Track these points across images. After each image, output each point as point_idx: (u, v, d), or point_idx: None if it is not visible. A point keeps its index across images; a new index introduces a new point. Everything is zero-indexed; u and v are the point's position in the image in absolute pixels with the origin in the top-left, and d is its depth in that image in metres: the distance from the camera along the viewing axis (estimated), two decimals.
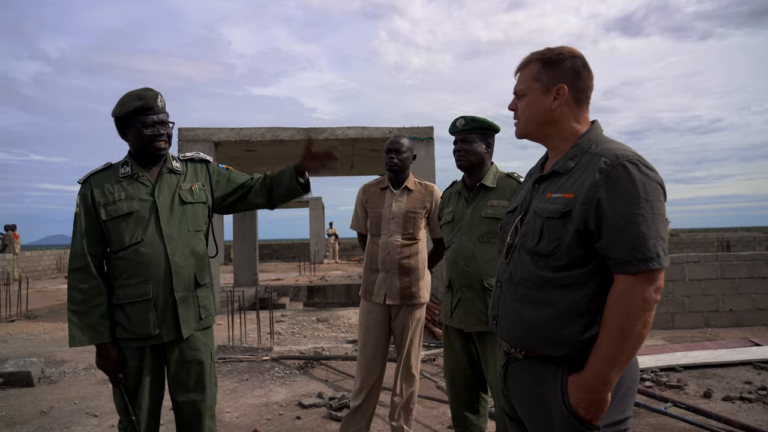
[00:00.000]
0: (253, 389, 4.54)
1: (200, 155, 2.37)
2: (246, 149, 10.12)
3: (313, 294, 11.94)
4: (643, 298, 1.24)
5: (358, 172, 14.47)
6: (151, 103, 2.12)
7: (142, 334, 2.09)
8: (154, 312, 2.09)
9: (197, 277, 2.20)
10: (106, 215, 2.10)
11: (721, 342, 5.65)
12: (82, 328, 2.05)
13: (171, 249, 2.12)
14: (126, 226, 2.10)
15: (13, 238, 16.12)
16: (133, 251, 2.09)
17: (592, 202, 1.29)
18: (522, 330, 1.41)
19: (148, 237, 2.10)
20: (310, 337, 6.79)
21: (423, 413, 3.82)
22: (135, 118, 2.13)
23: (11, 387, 4.67)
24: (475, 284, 2.45)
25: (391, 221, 3.04)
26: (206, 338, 2.24)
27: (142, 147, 2.16)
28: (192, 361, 2.18)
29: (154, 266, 2.09)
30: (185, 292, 2.15)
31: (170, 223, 2.15)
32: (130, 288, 2.09)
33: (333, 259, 23.79)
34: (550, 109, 1.44)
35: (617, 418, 1.32)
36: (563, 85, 1.42)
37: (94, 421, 3.83)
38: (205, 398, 2.21)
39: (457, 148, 2.56)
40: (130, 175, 2.17)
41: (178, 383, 2.18)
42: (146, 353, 2.12)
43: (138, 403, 2.12)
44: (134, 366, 2.11)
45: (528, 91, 1.47)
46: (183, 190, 2.22)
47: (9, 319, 8.51)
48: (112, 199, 2.11)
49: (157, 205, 2.14)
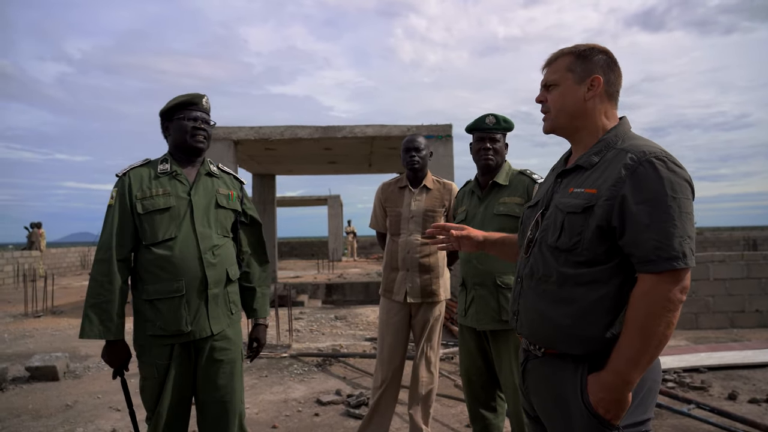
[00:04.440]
0: (272, 386, 4.58)
1: (236, 174, 2.46)
2: (265, 147, 10.20)
3: (331, 292, 11.99)
4: (667, 298, 1.21)
5: (376, 170, 14.48)
6: (196, 100, 2.22)
7: (174, 330, 2.09)
8: (186, 308, 2.10)
9: (228, 273, 2.23)
10: (143, 209, 2.13)
11: (747, 343, 5.53)
12: (93, 321, 2.06)
13: (204, 247, 2.14)
14: (161, 221, 2.12)
15: (38, 235, 16.48)
16: (166, 247, 2.11)
17: (617, 198, 1.27)
18: (542, 327, 1.39)
19: (182, 234, 2.13)
20: (329, 334, 6.82)
21: (441, 412, 3.81)
22: (179, 112, 2.20)
23: (37, 381, 4.78)
24: (488, 282, 2.44)
25: (411, 220, 3.04)
26: (236, 336, 2.27)
27: (182, 140, 2.20)
28: (222, 360, 2.18)
29: (187, 263, 2.11)
30: (217, 289, 2.17)
31: (203, 223, 2.18)
32: (162, 284, 2.10)
33: (351, 256, 23.86)
34: (583, 99, 1.41)
35: (638, 419, 1.29)
36: (598, 75, 1.40)
37: (117, 416, 3.90)
38: (234, 399, 2.20)
39: (486, 146, 2.52)
40: (169, 172, 2.20)
41: (206, 381, 2.17)
42: (175, 350, 2.12)
43: (157, 400, 2.12)
44: (162, 363, 2.12)
45: (561, 82, 1.44)
46: (220, 194, 2.27)
47: (35, 315, 8.71)
48: (150, 194, 2.14)
49: (192, 204, 2.17)
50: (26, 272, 13.13)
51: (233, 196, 2.31)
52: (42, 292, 9.56)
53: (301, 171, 14.98)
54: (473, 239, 1.75)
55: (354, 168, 14.27)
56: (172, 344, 2.11)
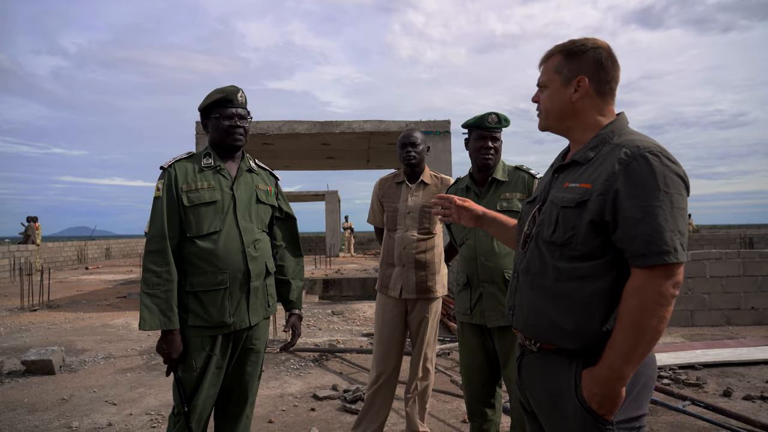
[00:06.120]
0: (268, 380, 4.58)
1: (271, 170, 2.50)
2: (263, 142, 10.18)
3: (328, 287, 11.99)
4: (659, 292, 1.21)
5: (374, 165, 14.47)
6: (231, 96, 2.22)
7: (218, 321, 2.12)
8: (229, 300, 2.14)
9: (267, 266, 2.28)
10: (188, 202, 2.15)
11: (743, 340, 5.55)
12: (153, 311, 2.05)
13: (246, 240, 2.19)
14: (206, 213, 2.15)
15: (34, 229, 16.44)
16: (210, 240, 2.14)
17: (610, 193, 1.27)
18: (537, 321, 1.39)
19: (226, 227, 2.16)
20: (326, 329, 6.82)
21: (437, 407, 3.82)
22: (215, 110, 2.22)
23: (33, 375, 4.78)
24: (497, 278, 2.44)
25: (407, 216, 3.03)
26: (266, 328, 2.35)
27: (220, 139, 2.24)
28: (252, 349, 2.26)
29: (231, 256, 2.14)
30: (258, 282, 2.22)
31: (245, 217, 2.22)
32: (206, 276, 2.12)
33: (348, 252, 23.86)
34: (570, 101, 1.42)
35: (632, 415, 1.29)
36: (584, 76, 1.40)
37: (113, 410, 3.90)
38: (253, 387, 2.31)
39: (487, 145, 2.53)
40: (213, 167, 2.23)
41: (235, 369, 2.25)
42: (218, 341, 2.15)
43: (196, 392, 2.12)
44: (205, 354, 2.13)
45: (549, 83, 1.45)
46: (260, 189, 2.32)
47: (31, 309, 8.70)
48: (195, 187, 2.17)
49: (235, 199, 2.21)
50: (22, 266, 13.10)
51: (271, 192, 2.37)
52: (38, 286, 9.54)
53: (299, 166, 14.96)
54: (472, 212, 1.81)
55: (352, 163, 14.26)
56: (213, 336, 2.14)
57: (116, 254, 24.37)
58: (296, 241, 2.52)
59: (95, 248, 22.35)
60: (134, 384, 4.53)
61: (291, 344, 2.45)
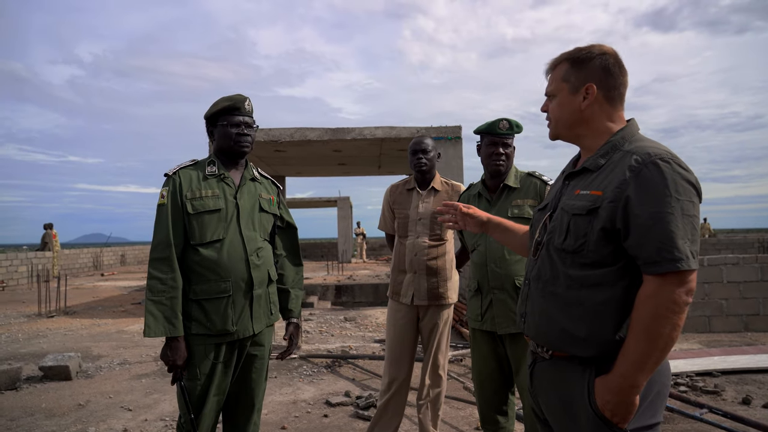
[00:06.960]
0: (281, 387, 4.59)
1: (273, 179, 2.52)
2: (275, 149, 10.25)
3: (341, 293, 12.00)
4: (672, 299, 1.20)
5: (386, 171, 14.50)
6: (239, 104, 2.24)
7: (221, 330, 2.12)
8: (232, 308, 2.14)
9: (270, 274, 2.29)
10: (192, 209, 2.16)
11: (762, 347, 5.45)
12: (158, 318, 2.05)
13: (249, 249, 2.20)
14: (210, 221, 2.16)
15: (51, 236, 16.67)
16: (213, 248, 2.15)
17: (621, 200, 1.26)
18: (549, 329, 1.38)
19: (229, 235, 2.17)
20: (338, 336, 6.83)
21: (450, 414, 3.80)
22: (222, 117, 2.24)
23: (50, 380, 4.84)
24: (507, 285, 2.43)
25: (418, 222, 3.04)
26: (270, 335, 2.35)
27: (227, 146, 2.25)
28: (256, 355, 2.27)
29: (234, 264, 2.15)
30: (260, 290, 2.23)
31: (248, 226, 2.24)
32: (209, 284, 2.13)
33: (361, 258, 23.87)
34: (579, 109, 1.41)
35: (647, 423, 1.28)
36: (592, 84, 1.40)
37: (129, 415, 3.94)
38: (259, 393, 2.31)
39: (498, 151, 2.53)
40: (217, 175, 2.25)
41: (240, 376, 2.25)
42: (222, 349, 2.15)
43: (202, 401, 2.12)
44: (210, 362, 2.12)
45: (557, 92, 1.45)
46: (263, 198, 2.33)
47: (48, 315, 8.81)
48: (199, 195, 2.18)
49: (238, 207, 2.22)
50: (40, 273, 13.29)
51: (273, 201, 2.39)
52: (55, 292, 9.67)
53: (311, 173, 15.03)
54: (477, 218, 1.82)
55: (363, 169, 14.29)
56: (217, 344, 2.14)
57: (131, 260, 24.63)
58: (296, 250, 2.52)
59: (110, 255, 22.62)
60: (149, 390, 4.56)
61: (288, 353, 2.45)
